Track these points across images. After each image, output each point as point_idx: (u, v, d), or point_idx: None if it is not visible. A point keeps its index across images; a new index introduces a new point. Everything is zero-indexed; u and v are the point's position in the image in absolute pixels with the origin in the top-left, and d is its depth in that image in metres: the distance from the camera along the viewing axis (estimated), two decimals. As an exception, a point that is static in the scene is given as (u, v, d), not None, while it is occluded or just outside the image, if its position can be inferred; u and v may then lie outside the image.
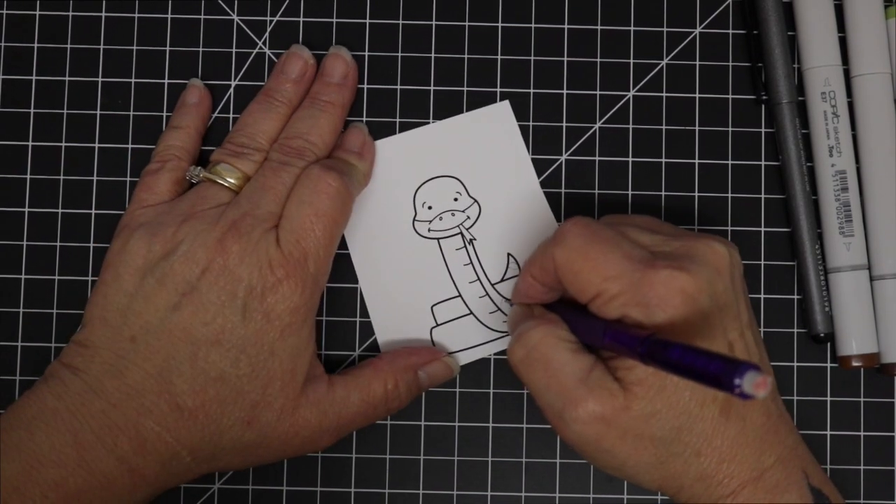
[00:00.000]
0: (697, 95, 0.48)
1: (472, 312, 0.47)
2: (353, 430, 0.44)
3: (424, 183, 0.47)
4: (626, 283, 0.37)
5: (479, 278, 0.47)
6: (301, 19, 0.48)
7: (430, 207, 0.47)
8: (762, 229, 0.47)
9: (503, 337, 0.47)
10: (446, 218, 0.47)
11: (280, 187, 0.43)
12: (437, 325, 0.47)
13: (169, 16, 0.48)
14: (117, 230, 0.44)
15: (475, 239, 0.47)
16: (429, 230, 0.47)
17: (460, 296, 0.47)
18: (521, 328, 0.40)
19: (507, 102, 0.47)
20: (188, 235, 0.41)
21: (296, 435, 0.42)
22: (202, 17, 0.48)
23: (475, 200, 0.47)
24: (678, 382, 0.37)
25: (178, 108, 0.46)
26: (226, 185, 0.44)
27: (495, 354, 0.47)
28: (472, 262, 0.47)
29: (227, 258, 0.41)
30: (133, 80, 0.48)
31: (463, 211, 0.47)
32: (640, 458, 0.38)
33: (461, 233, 0.47)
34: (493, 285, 0.47)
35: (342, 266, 0.47)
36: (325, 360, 0.47)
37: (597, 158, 0.47)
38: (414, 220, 0.47)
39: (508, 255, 0.47)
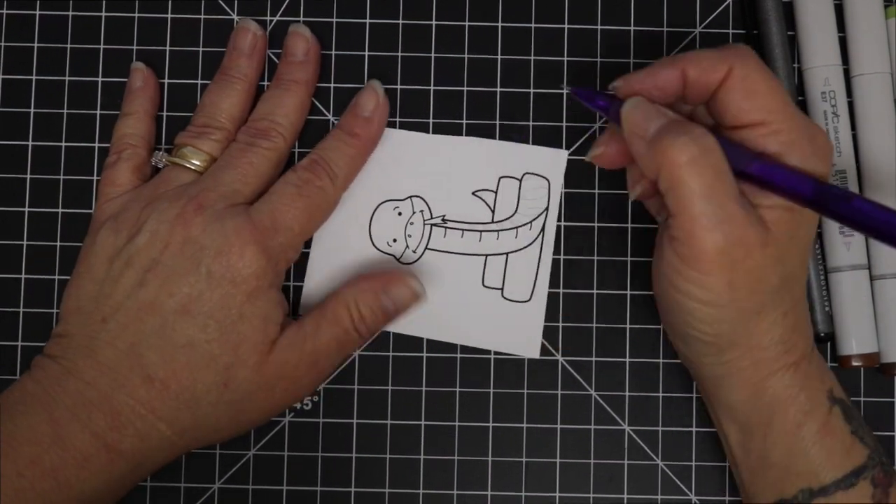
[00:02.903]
0: (697, 95, 0.48)
1: (506, 253, 0.47)
2: (331, 364, 0.44)
3: (370, 227, 0.47)
4: (793, 125, 0.37)
5: (481, 231, 0.47)
6: (301, 19, 0.48)
7: (394, 240, 0.47)
8: (762, 229, 0.47)
9: (538, 239, 0.47)
10: (412, 230, 0.47)
11: (245, 166, 0.43)
12: (503, 288, 0.47)
13: (169, 16, 0.48)
14: (89, 229, 0.44)
15: (444, 215, 0.47)
16: (414, 252, 0.47)
17: (488, 255, 0.47)
18: (687, 126, 0.37)
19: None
20: (151, 216, 0.42)
21: (279, 378, 0.42)
22: (202, 17, 0.48)
23: (409, 197, 0.47)
24: (804, 236, 0.38)
25: (125, 95, 0.47)
26: (190, 167, 0.44)
27: (496, 354, 0.47)
28: (463, 230, 0.47)
29: (189, 229, 0.41)
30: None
31: (413, 213, 0.47)
32: (748, 303, 0.38)
33: (431, 226, 0.47)
34: (494, 222, 0.47)
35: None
36: (325, 359, 0.47)
37: (597, 158, 0.47)
38: (400, 260, 0.47)
39: (473, 194, 0.47)
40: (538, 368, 0.47)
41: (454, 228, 0.47)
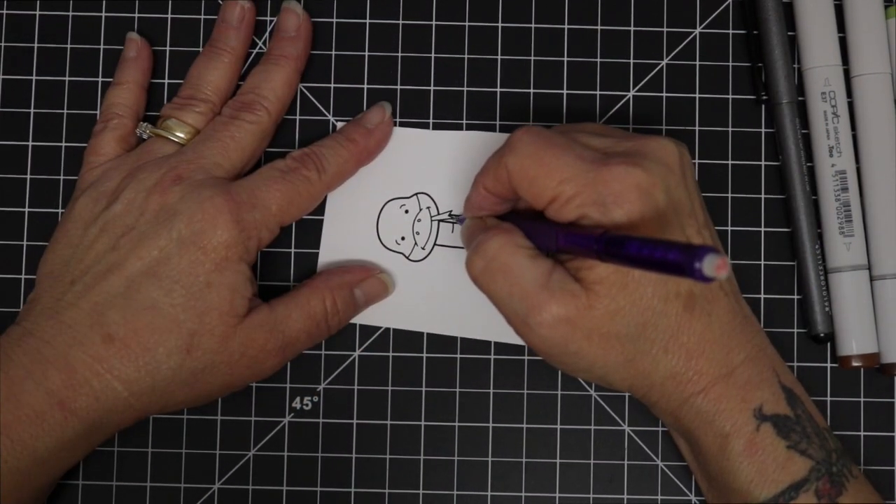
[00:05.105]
0: (697, 95, 0.48)
1: None
2: (297, 352, 0.44)
3: (378, 225, 0.47)
4: (581, 183, 0.37)
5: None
6: (301, 19, 0.48)
7: (403, 238, 0.47)
8: (762, 229, 0.47)
9: None
10: (420, 227, 0.47)
11: (227, 140, 0.43)
12: None
13: (169, 16, 0.48)
14: (71, 197, 0.45)
15: (451, 210, 0.47)
16: (423, 249, 0.47)
17: None
18: (478, 239, 0.40)
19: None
20: (129, 185, 0.42)
21: (242, 356, 0.42)
22: (202, 17, 0.48)
23: (415, 194, 0.47)
24: (640, 279, 0.38)
25: (118, 64, 0.47)
26: (174, 139, 0.44)
27: (496, 354, 0.47)
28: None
29: (165, 197, 0.41)
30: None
31: (420, 210, 0.47)
32: (608, 357, 0.39)
33: (440, 221, 0.47)
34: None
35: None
36: (325, 359, 0.47)
37: (597, 158, 0.47)
38: (410, 258, 0.47)
39: None
40: (538, 368, 0.47)
41: (462, 223, 0.47)
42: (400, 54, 0.48)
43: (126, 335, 0.40)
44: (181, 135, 0.44)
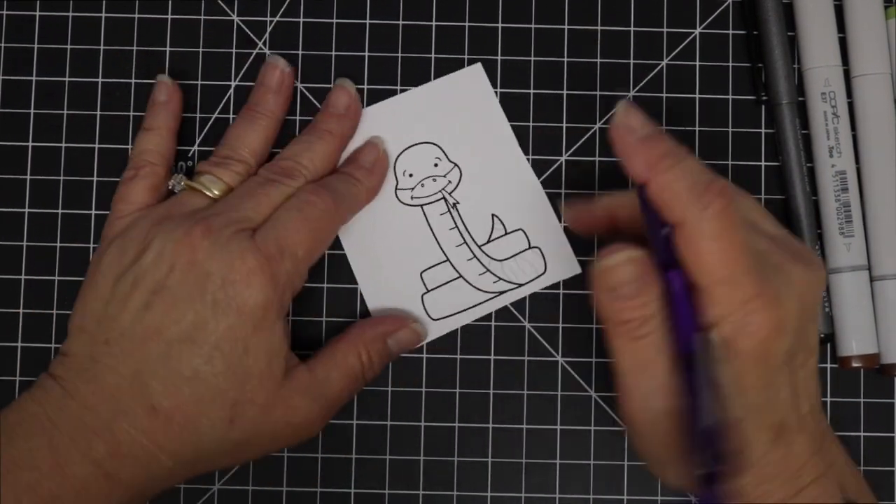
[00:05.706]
0: (697, 96, 0.48)
1: (461, 276, 0.47)
2: (339, 407, 0.44)
3: (404, 151, 0.47)
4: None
5: (465, 241, 0.47)
6: (301, 20, 0.48)
7: (410, 175, 0.47)
8: (762, 230, 0.47)
9: (493, 298, 0.47)
10: (428, 184, 0.47)
11: (262, 197, 0.43)
12: (428, 291, 0.47)
13: (169, 16, 0.48)
14: (99, 245, 0.44)
15: (458, 203, 0.47)
16: (412, 198, 0.47)
17: (448, 260, 0.47)
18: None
19: (479, 66, 0.48)
20: (158, 235, 0.41)
21: (287, 425, 0.42)
22: (202, 17, 0.48)
23: (455, 165, 0.47)
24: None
25: (148, 108, 0.46)
26: (208, 194, 0.44)
27: (496, 355, 0.47)
28: (457, 226, 0.47)
29: (195, 253, 0.40)
30: (133, 81, 0.48)
31: (444, 176, 0.47)
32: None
33: (444, 197, 0.47)
34: (479, 247, 0.47)
35: (342, 267, 0.47)
36: (325, 360, 0.47)
37: (597, 159, 0.47)
38: (396, 188, 0.47)
39: (493, 216, 0.47)
40: (538, 369, 0.47)
41: (455, 227, 0.47)
42: (400, 54, 0.48)
43: (171, 407, 0.40)
44: (216, 191, 0.43)
